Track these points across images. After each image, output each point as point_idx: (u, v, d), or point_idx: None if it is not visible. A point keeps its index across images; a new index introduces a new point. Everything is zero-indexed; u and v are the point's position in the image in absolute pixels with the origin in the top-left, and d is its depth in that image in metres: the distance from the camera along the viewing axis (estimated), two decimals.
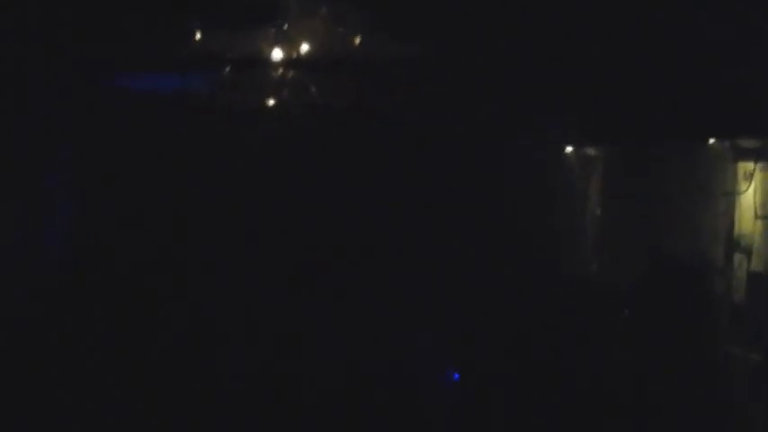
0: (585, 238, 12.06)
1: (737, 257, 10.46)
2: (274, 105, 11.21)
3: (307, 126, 11.21)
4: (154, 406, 9.61)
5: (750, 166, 10.18)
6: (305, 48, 10.37)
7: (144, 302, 10.65)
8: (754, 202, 10.16)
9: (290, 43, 10.28)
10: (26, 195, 11.13)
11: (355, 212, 11.30)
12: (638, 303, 11.21)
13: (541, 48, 10.04)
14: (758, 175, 10.10)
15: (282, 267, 11.12)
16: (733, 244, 10.47)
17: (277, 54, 10.36)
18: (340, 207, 11.27)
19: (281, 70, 10.65)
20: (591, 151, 11.84)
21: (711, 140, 10.46)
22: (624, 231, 11.73)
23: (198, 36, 10.30)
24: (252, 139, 11.33)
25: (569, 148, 11.77)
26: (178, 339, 10.33)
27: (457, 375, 10.35)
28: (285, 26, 10.12)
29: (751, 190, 10.16)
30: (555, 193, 11.81)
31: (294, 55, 10.43)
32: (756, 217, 10.17)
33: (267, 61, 10.49)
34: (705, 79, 9.61)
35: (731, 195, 10.40)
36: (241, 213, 11.32)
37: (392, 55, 10.24)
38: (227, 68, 10.70)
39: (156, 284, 10.89)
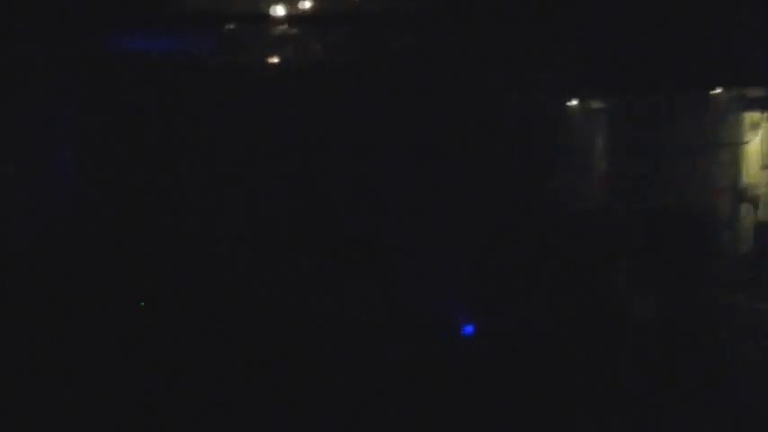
0: (592, 190, 12.04)
1: (744, 207, 10.48)
2: (275, 62, 11.09)
3: (308, 82, 11.10)
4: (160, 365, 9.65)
5: (757, 116, 10.16)
6: (305, 3, 10.26)
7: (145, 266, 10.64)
8: (761, 152, 10.16)
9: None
10: (27, 155, 11.10)
11: (360, 166, 11.26)
12: (646, 253, 11.22)
13: None
14: (765, 125, 10.09)
15: (292, 216, 11.11)
16: (740, 194, 10.48)
17: (278, 10, 10.24)
18: (343, 164, 11.22)
19: (281, 26, 10.53)
20: (597, 103, 11.78)
21: (718, 90, 10.41)
22: (631, 183, 11.70)
23: None
24: (253, 97, 11.22)
25: (574, 101, 11.70)
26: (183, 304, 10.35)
27: (470, 328, 10.39)
28: None
29: (757, 140, 10.15)
30: (561, 146, 11.77)
31: (294, 11, 10.33)
32: (763, 167, 10.18)
33: (267, 18, 10.37)
34: (713, 29, 9.53)
35: (738, 145, 10.39)
36: (242, 173, 11.25)
37: (393, 8, 10.14)
38: (228, 25, 10.59)
39: (155, 244, 10.89)
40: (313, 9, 10.42)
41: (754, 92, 10.03)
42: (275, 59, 11.15)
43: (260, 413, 9.46)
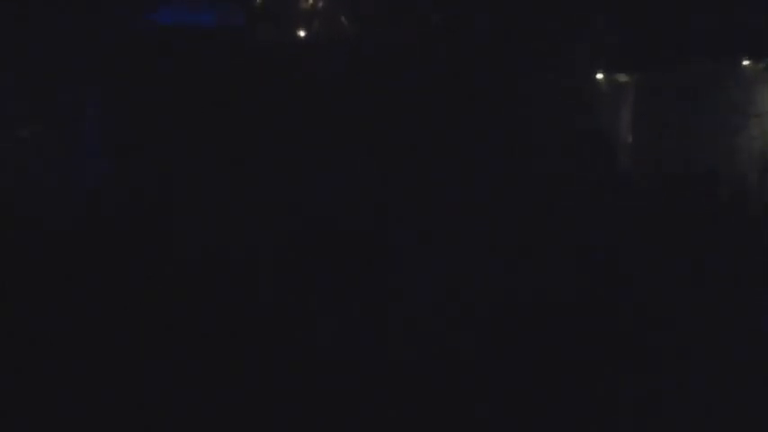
0: (621, 159, 12.09)
1: None
2: (305, 36, 11.19)
3: (336, 57, 11.20)
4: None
5: None
6: None
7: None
8: None
9: None
10: (61, 127, 11.26)
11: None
12: (674, 224, 11.21)
13: None
14: None
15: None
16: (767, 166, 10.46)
17: None
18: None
19: (311, 1, 10.63)
20: (627, 75, 11.82)
21: (746, 62, 10.39)
22: (661, 153, 11.71)
23: None
24: (284, 71, 11.32)
25: (602, 74, 11.74)
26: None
27: None
28: None
29: None
30: (592, 116, 11.80)
31: None
32: None
33: None
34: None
35: (765, 117, 10.36)
36: (272, 144, 11.35)
37: None
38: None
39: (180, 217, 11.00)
40: None
41: None
42: (309, 33, 11.25)
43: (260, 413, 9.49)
